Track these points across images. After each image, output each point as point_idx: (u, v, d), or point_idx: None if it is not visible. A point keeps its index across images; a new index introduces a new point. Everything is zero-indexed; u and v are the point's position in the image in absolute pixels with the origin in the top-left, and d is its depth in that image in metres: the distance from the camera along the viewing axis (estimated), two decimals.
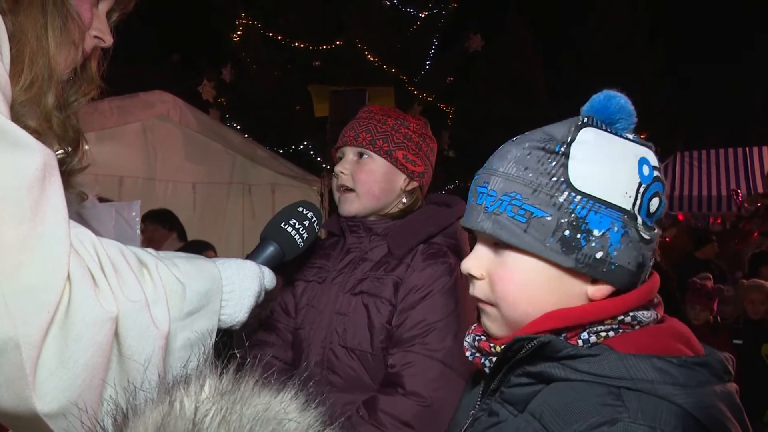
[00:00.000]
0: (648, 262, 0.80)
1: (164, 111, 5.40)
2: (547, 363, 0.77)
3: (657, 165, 0.81)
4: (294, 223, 1.30)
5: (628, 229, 0.77)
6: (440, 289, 1.40)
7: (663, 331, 0.81)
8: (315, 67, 9.38)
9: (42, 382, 0.76)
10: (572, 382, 0.75)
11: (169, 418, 0.51)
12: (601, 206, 0.77)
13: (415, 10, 10.01)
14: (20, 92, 0.87)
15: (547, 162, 0.79)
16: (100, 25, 1.03)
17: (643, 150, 0.80)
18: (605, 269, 0.77)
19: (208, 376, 0.55)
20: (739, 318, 3.95)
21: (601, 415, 0.72)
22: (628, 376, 0.73)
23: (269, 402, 0.54)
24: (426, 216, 1.52)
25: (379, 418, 1.33)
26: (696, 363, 0.76)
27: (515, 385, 0.80)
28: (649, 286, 0.82)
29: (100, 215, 1.76)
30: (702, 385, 0.75)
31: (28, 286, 0.75)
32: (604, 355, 0.75)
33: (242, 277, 1.09)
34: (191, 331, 0.96)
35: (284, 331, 1.59)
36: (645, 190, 0.78)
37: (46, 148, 0.81)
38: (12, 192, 0.75)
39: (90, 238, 0.87)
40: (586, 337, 0.79)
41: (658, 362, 0.74)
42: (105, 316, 0.82)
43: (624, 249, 0.77)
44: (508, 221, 0.79)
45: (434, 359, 1.35)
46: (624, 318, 0.79)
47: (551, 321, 0.79)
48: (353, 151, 1.53)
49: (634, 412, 0.71)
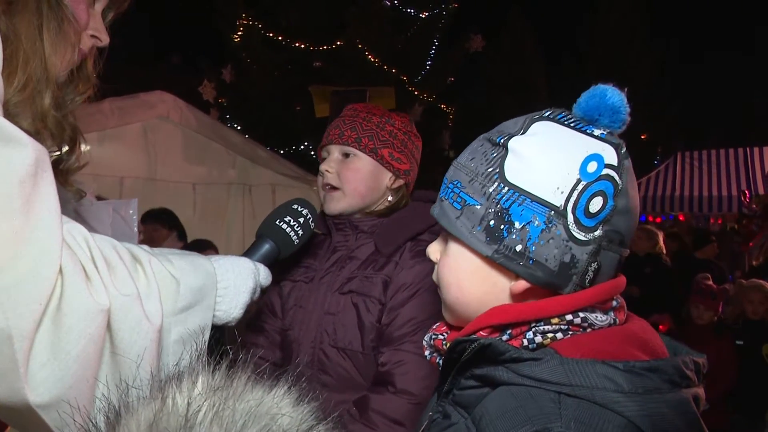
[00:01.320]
0: (582, 264, 0.75)
1: (165, 111, 5.41)
2: (491, 366, 0.75)
3: (615, 164, 0.76)
4: (289, 220, 1.31)
5: (553, 226, 0.74)
6: (429, 287, 1.40)
7: (614, 335, 0.77)
8: (316, 68, 9.39)
9: (34, 373, 0.77)
10: (514, 387, 0.73)
11: (161, 415, 0.51)
12: (526, 199, 0.76)
13: (415, 10, 10.02)
14: (14, 93, 0.88)
15: (490, 153, 0.80)
16: (96, 24, 1.04)
17: (601, 147, 0.76)
18: (522, 263, 0.76)
19: (200, 373, 0.55)
20: (739, 318, 3.95)
21: (532, 424, 0.69)
22: (567, 381, 0.70)
23: (262, 397, 0.54)
24: (413, 213, 1.52)
25: (370, 417, 1.33)
26: (645, 368, 0.71)
27: (465, 388, 0.80)
28: (604, 287, 0.78)
29: (98, 213, 1.77)
30: (649, 392, 0.70)
31: (21, 278, 0.76)
32: (546, 359, 0.72)
33: (237, 273, 1.09)
34: (185, 327, 0.97)
35: (272, 332, 1.58)
36: (585, 188, 0.75)
37: (38, 143, 0.82)
38: (4, 187, 0.76)
39: (82, 233, 0.88)
40: (531, 336, 0.76)
41: (602, 368, 0.70)
42: (97, 309, 0.82)
43: (543, 245, 0.75)
44: (448, 207, 0.82)
45: (424, 357, 1.36)
46: (573, 319, 0.76)
47: (495, 317, 0.78)
48: (338, 150, 1.52)
49: (567, 421, 0.68)
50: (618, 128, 0.79)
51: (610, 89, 0.78)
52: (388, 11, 9.59)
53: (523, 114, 0.84)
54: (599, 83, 0.80)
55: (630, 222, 0.78)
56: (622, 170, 0.76)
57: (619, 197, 0.76)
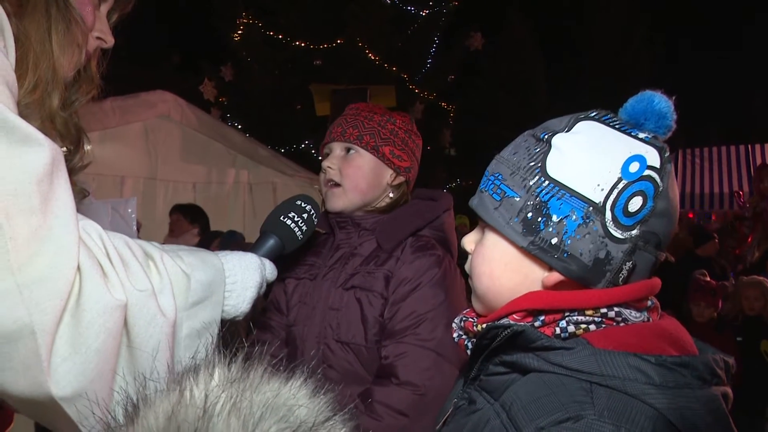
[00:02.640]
0: (617, 261, 0.76)
1: (166, 111, 5.41)
2: (522, 353, 0.77)
3: (657, 166, 0.77)
4: (293, 216, 1.33)
5: (590, 221, 0.76)
6: (429, 280, 1.43)
7: (647, 329, 0.78)
8: (316, 66, 9.39)
9: (57, 366, 0.79)
10: (545, 375, 0.74)
11: (179, 407, 0.51)
12: (565, 194, 0.77)
13: (415, 8, 10.02)
14: (24, 95, 0.90)
15: (533, 148, 0.82)
16: (101, 26, 1.05)
17: (645, 149, 0.78)
18: (557, 256, 0.78)
19: (217, 365, 0.55)
20: (738, 315, 3.95)
21: (566, 411, 0.70)
22: (599, 371, 0.71)
23: (279, 389, 0.54)
24: (413, 210, 1.55)
25: (375, 408, 1.35)
26: (676, 363, 0.73)
27: (493, 374, 0.81)
28: (639, 286, 0.79)
29: (97, 211, 1.78)
30: (680, 386, 0.72)
31: (41, 275, 0.78)
32: (578, 349, 0.74)
33: (244, 268, 1.11)
34: (196, 321, 0.99)
35: (278, 328, 1.61)
36: (625, 186, 0.76)
37: (53, 143, 0.84)
38: (23, 186, 0.78)
39: (97, 230, 0.90)
40: (564, 325, 0.78)
41: (634, 360, 0.72)
42: (115, 304, 0.85)
43: (579, 239, 0.76)
44: (487, 199, 0.84)
45: (426, 349, 1.38)
46: (608, 312, 0.77)
47: (530, 301, 0.80)
48: (340, 147, 1.55)
49: (601, 410, 0.69)
50: (663, 134, 0.80)
51: (657, 95, 0.80)
52: (388, 9, 9.59)
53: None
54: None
55: (668, 226, 0.79)
56: (664, 173, 0.77)
57: (659, 199, 0.77)
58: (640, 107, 0.80)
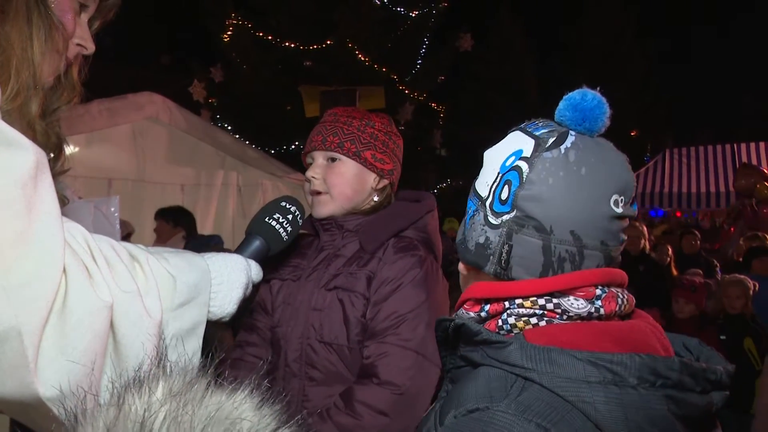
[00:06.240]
0: (495, 245, 0.83)
1: (154, 112, 5.36)
2: (471, 347, 0.81)
3: (528, 156, 0.82)
4: (278, 217, 1.34)
5: (477, 213, 0.88)
6: (411, 281, 1.44)
7: (587, 327, 0.79)
8: (306, 67, 9.39)
9: (44, 367, 0.80)
10: (491, 369, 0.77)
11: (117, 421, 0.51)
12: (473, 194, 0.90)
13: (405, 9, 10.03)
14: (6, 101, 0.89)
15: None
16: (82, 33, 1.05)
17: (525, 142, 0.84)
18: (463, 247, 0.90)
19: (160, 378, 0.55)
20: (720, 313, 3.98)
21: (480, 401, 0.73)
22: (521, 364, 0.74)
23: (221, 402, 0.54)
24: (396, 211, 1.56)
25: (355, 407, 1.36)
26: (609, 360, 0.72)
27: (457, 367, 0.86)
28: (576, 275, 0.80)
29: (79, 210, 1.77)
30: (606, 383, 0.71)
31: (27, 278, 0.78)
32: (510, 343, 0.76)
33: (230, 270, 1.12)
34: (182, 322, 1.00)
35: (264, 329, 1.62)
36: (500, 178, 0.85)
37: (37, 147, 0.84)
38: (8, 190, 0.78)
39: (81, 232, 0.91)
40: (505, 318, 0.81)
41: (557, 355, 0.73)
42: (101, 304, 0.86)
43: (470, 230, 0.89)
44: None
45: (407, 349, 1.39)
46: (546, 304, 0.79)
47: (472, 291, 0.87)
48: (323, 155, 1.55)
49: (510, 401, 0.71)
50: (598, 129, 0.84)
51: (589, 92, 0.83)
52: (378, 10, 9.60)
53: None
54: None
55: (550, 210, 0.80)
56: (534, 160, 0.81)
57: (527, 185, 0.81)
58: (562, 107, 0.85)
